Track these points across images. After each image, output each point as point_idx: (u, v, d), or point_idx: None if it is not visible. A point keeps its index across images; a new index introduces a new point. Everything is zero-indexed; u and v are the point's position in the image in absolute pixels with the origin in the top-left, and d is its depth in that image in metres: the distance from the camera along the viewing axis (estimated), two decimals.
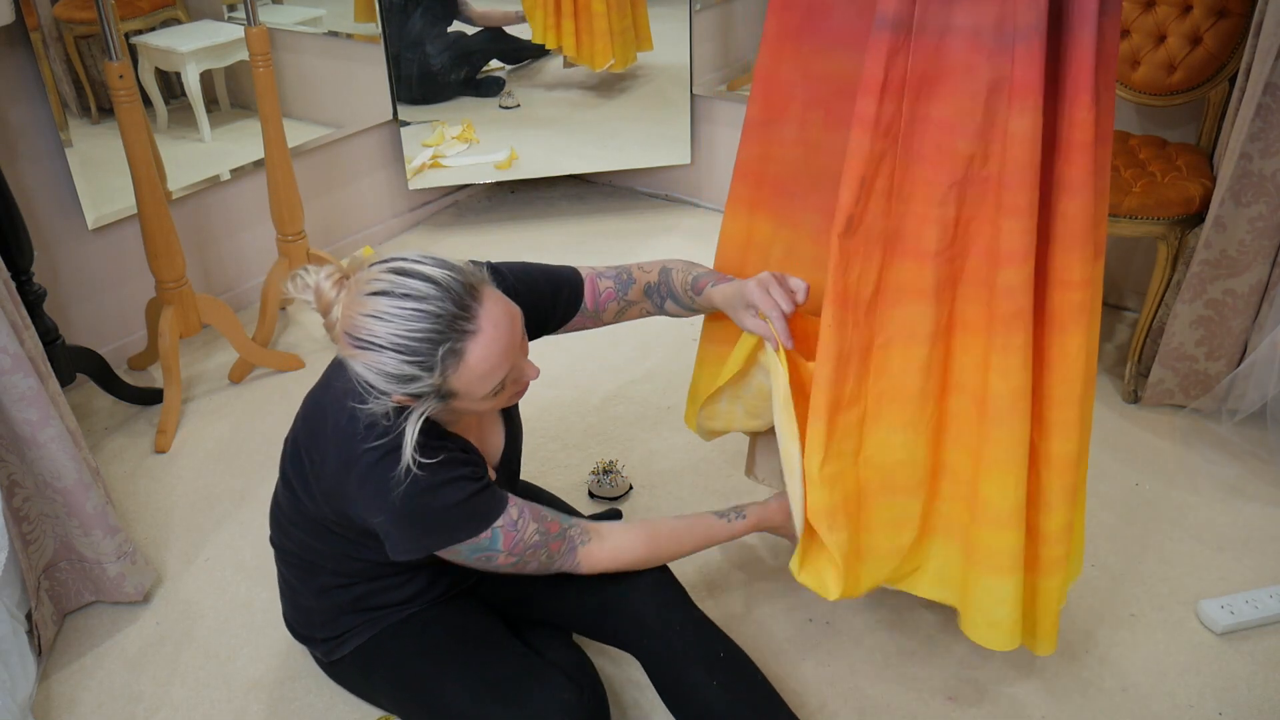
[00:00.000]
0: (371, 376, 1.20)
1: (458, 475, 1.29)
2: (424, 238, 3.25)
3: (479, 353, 1.21)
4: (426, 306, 1.18)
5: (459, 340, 1.19)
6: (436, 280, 1.19)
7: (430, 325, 1.18)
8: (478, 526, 1.30)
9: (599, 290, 1.56)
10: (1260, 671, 1.67)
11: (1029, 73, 1.16)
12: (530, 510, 1.36)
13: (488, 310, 1.22)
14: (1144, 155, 2.36)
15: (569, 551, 1.39)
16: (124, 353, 2.56)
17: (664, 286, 1.59)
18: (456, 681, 1.38)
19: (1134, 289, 2.72)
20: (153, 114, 2.60)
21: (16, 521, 1.67)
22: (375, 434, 1.26)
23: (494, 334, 1.22)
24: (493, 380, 1.24)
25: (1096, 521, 2.00)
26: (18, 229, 2.03)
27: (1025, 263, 1.25)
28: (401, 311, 1.17)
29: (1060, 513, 1.40)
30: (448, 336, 1.19)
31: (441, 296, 1.19)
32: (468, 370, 1.21)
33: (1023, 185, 1.21)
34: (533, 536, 1.34)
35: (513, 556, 1.33)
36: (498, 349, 1.23)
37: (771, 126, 1.49)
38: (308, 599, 1.50)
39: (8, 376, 1.55)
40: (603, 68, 3.13)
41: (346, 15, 3.03)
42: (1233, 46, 2.26)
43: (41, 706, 1.63)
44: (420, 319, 1.17)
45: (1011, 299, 1.26)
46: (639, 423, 2.29)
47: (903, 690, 1.64)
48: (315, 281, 1.25)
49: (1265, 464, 2.14)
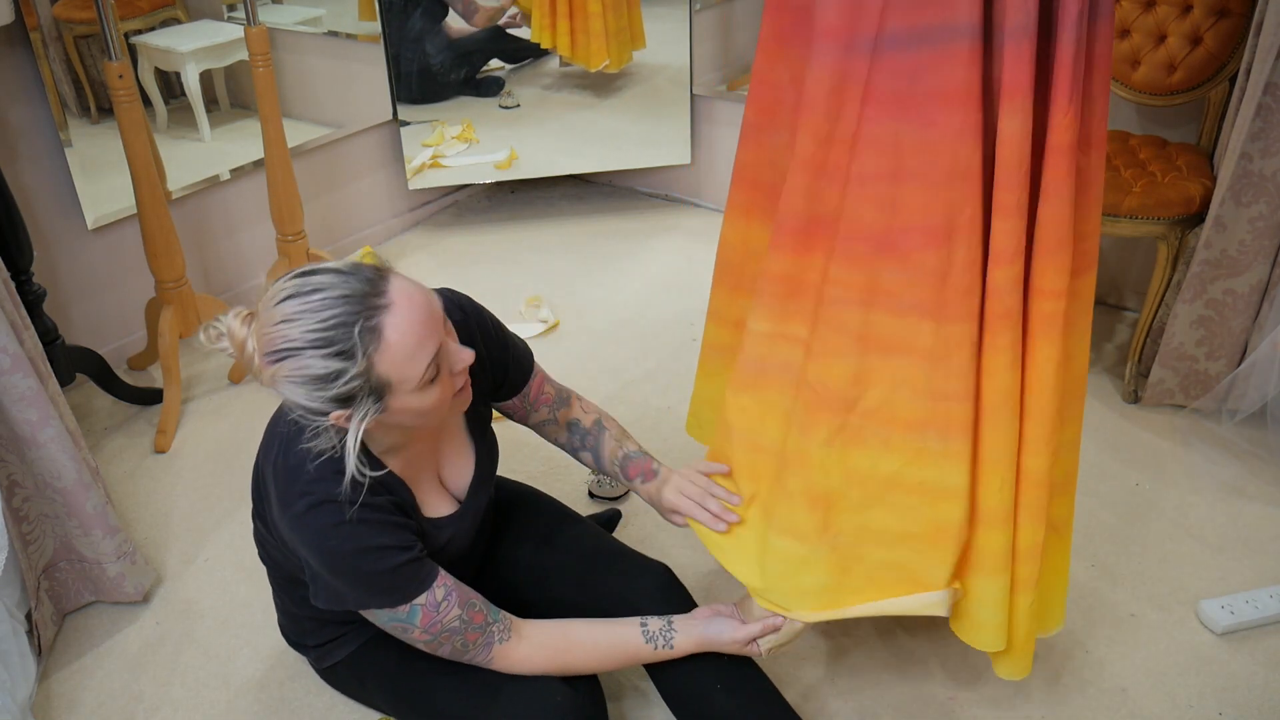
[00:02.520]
0: (300, 393, 1.14)
1: (388, 544, 1.24)
2: (424, 238, 3.25)
3: (397, 324, 1.14)
4: (334, 292, 1.13)
5: (372, 316, 1.13)
6: (339, 269, 1.16)
7: (341, 309, 1.12)
8: (396, 599, 1.26)
9: (542, 388, 1.56)
10: (1260, 671, 1.67)
11: (1019, 74, 1.16)
12: (459, 595, 1.30)
13: (397, 284, 1.16)
14: (1144, 155, 2.36)
15: (485, 645, 1.33)
16: (124, 353, 2.56)
17: (591, 439, 1.58)
18: (450, 684, 1.38)
19: (1134, 289, 2.72)
20: (152, 114, 2.60)
21: (16, 521, 1.67)
22: (309, 478, 1.22)
23: (408, 304, 1.15)
24: (421, 359, 1.16)
25: (1096, 521, 2.00)
26: (17, 229, 2.03)
27: (1016, 263, 1.24)
28: (310, 305, 1.12)
29: (1027, 531, 1.35)
30: (360, 314, 1.12)
31: (346, 281, 1.14)
32: (390, 349, 1.14)
33: (1013, 185, 1.21)
34: (452, 622, 1.29)
35: (428, 634, 1.29)
36: (416, 318, 1.16)
37: (765, 132, 1.48)
38: (293, 608, 1.49)
39: (7, 376, 1.55)
40: (598, 67, 3.13)
41: (346, 15, 3.03)
42: (1233, 46, 2.26)
43: (41, 706, 1.63)
44: (330, 305, 1.12)
45: (996, 299, 1.25)
46: (639, 423, 2.29)
47: (903, 690, 1.64)
48: (226, 325, 1.17)
49: (1265, 464, 2.14)
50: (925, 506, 1.33)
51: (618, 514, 1.98)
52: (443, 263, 3.08)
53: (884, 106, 1.20)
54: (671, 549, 1.92)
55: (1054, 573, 1.49)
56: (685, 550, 1.92)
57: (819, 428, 1.33)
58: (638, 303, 2.82)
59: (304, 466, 1.22)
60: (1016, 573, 1.38)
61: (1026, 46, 1.15)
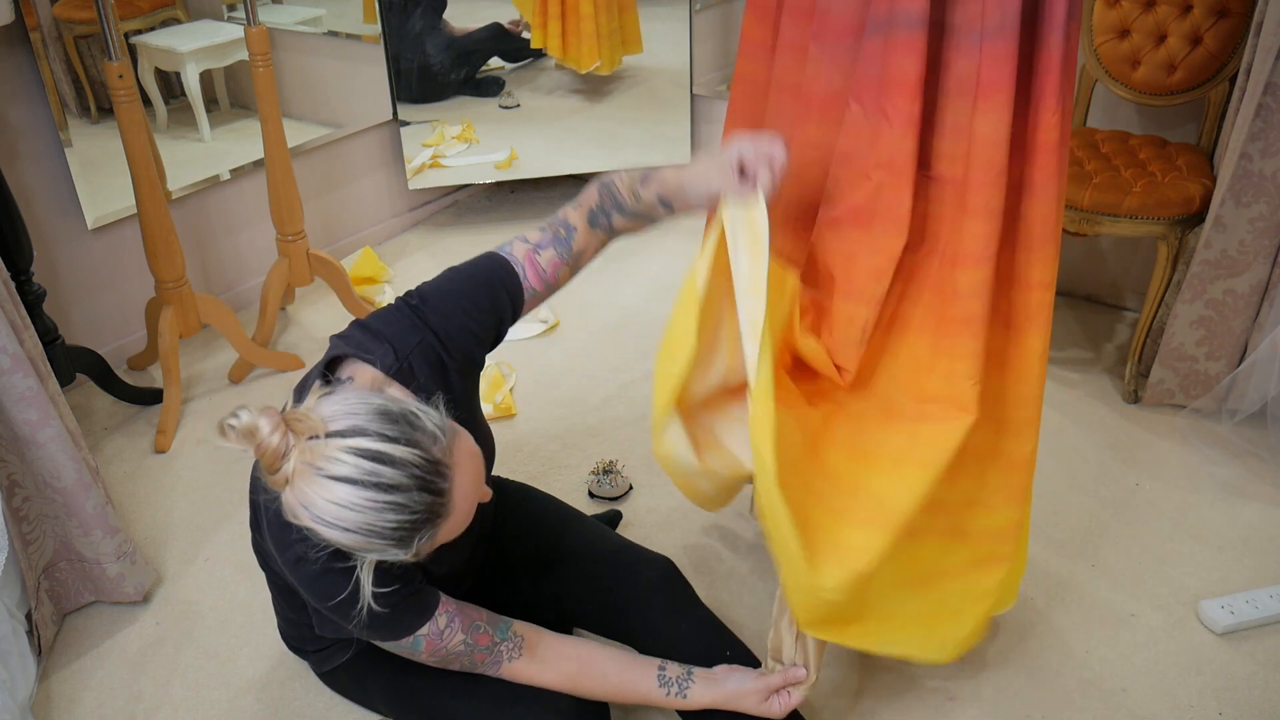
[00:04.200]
0: (329, 541, 1.08)
1: (385, 589, 1.20)
2: (424, 238, 3.25)
3: (451, 527, 1.13)
4: (400, 499, 1.05)
5: (434, 525, 1.10)
6: (408, 465, 1.06)
7: (406, 518, 1.06)
8: (399, 633, 1.25)
9: (542, 267, 1.37)
10: (1260, 671, 1.67)
11: (998, 74, 1.16)
12: (462, 619, 1.29)
13: (458, 483, 1.11)
14: (1144, 155, 2.36)
15: (494, 664, 1.33)
16: (124, 353, 2.56)
17: (607, 201, 1.40)
18: (450, 687, 1.38)
19: (1134, 289, 2.72)
20: (152, 114, 2.60)
21: (16, 521, 1.67)
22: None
23: (464, 506, 1.13)
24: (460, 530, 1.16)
25: (1096, 521, 2.00)
26: (17, 229, 2.03)
27: (985, 265, 1.25)
28: (373, 505, 1.04)
29: (1004, 511, 1.41)
30: (422, 526, 1.08)
31: (414, 486, 1.06)
32: (437, 540, 1.13)
33: (989, 186, 1.21)
34: (457, 646, 1.29)
35: (434, 658, 1.29)
36: (464, 514, 1.14)
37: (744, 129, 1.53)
38: (292, 614, 1.49)
39: (7, 376, 1.55)
40: (588, 69, 3.13)
41: (346, 15, 3.03)
42: (1233, 46, 2.26)
43: (41, 706, 1.63)
44: (394, 511, 1.05)
45: (968, 302, 1.26)
46: (639, 423, 2.29)
47: (902, 690, 1.64)
48: (255, 425, 1.03)
49: (1265, 464, 2.14)
50: None
51: (618, 514, 1.98)
52: (443, 263, 3.04)
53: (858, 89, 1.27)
54: (672, 550, 1.93)
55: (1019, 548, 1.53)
56: (684, 551, 1.92)
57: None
58: (638, 303, 2.82)
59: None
60: (987, 551, 1.43)
61: (1006, 46, 1.15)
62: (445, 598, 1.29)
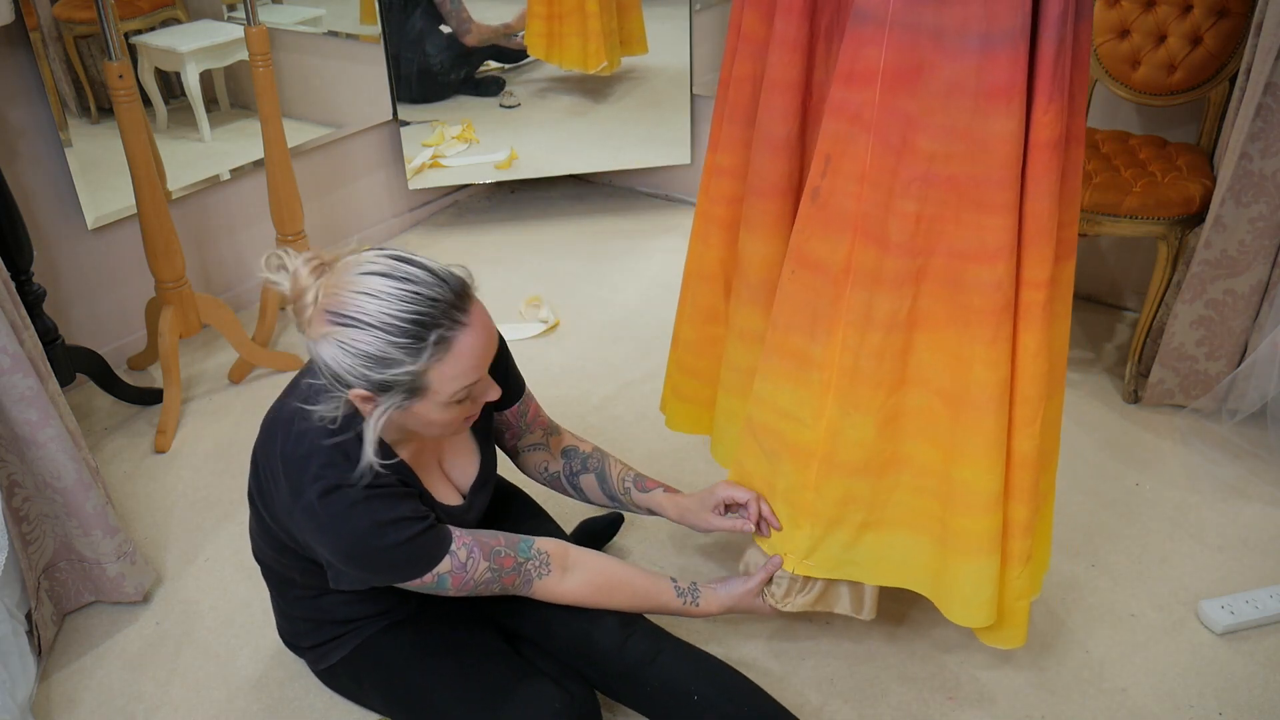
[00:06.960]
0: (343, 360, 1.16)
1: (400, 515, 1.26)
2: (424, 238, 3.25)
3: (467, 345, 1.20)
4: (425, 291, 1.17)
5: (451, 329, 1.18)
6: (435, 271, 1.20)
7: (427, 309, 1.17)
8: (422, 568, 1.29)
9: (538, 413, 1.60)
10: (1260, 671, 1.67)
11: (1011, 76, 1.18)
12: (481, 548, 1.33)
13: (478, 310, 1.23)
14: (1144, 155, 2.36)
15: (525, 584, 1.38)
16: (124, 353, 2.56)
17: (594, 462, 1.60)
18: (445, 687, 1.38)
19: (1134, 289, 2.72)
20: (152, 114, 2.60)
21: (16, 521, 1.67)
22: (320, 463, 1.24)
23: (483, 331, 1.22)
24: (466, 380, 1.22)
25: (1096, 521, 2.00)
26: (17, 229, 2.03)
27: (1009, 258, 1.27)
28: (399, 291, 1.16)
29: (1016, 509, 1.43)
30: (441, 323, 1.17)
31: (440, 285, 1.19)
32: (451, 363, 1.19)
33: (1004, 183, 1.24)
34: (483, 575, 1.33)
35: (464, 591, 1.33)
36: (481, 346, 1.22)
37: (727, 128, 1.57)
38: (288, 609, 1.50)
39: (7, 376, 1.55)
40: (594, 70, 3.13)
41: (346, 15, 3.03)
42: (1233, 46, 2.26)
43: (41, 706, 1.63)
44: (417, 301, 1.16)
45: (998, 293, 1.29)
46: (639, 423, 2.29)
47: (903, 690, 1.64)
48: (294, 266, 1.21)
49: (1265, 464, 2.14)
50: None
51: (619, 518, 1.98)
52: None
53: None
54: (672, 548, 1.93)
55: (1038, 545, 1.54)
56: (684, 550, 1.92)
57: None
58: (638, 303, 2.82)
59: (313, 455, 1.24)
60: (1008, 548, 1.45)
61: (1019, 49, 1.18)
62: (460, 530, 1.33)
